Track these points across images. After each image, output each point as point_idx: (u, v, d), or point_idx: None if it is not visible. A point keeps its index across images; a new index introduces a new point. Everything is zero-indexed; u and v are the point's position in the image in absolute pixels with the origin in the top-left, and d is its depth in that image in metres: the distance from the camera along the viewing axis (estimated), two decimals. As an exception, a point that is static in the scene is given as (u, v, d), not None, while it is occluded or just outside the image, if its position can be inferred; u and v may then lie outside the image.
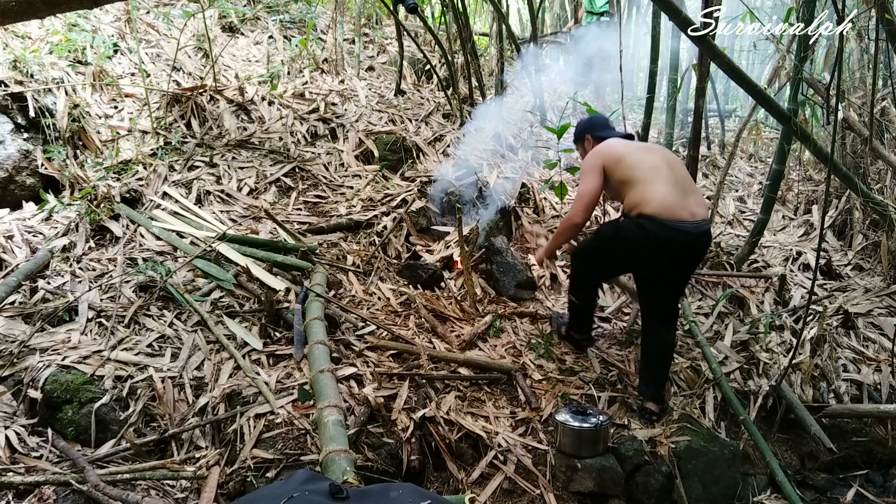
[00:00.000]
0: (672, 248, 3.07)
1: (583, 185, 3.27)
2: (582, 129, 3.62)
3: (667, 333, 3.33)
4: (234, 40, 6.00)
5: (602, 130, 3.53)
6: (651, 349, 3.35)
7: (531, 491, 2.90)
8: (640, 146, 3.37)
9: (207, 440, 2.92)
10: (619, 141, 3.38)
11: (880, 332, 4.24)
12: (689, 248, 3.11)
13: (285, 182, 4.67)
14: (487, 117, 5.64)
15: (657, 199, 3.04)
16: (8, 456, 2.73)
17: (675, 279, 3.25)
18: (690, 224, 3.04)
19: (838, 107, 3.59)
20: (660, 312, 3.32)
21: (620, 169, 3.17)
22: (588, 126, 3.61)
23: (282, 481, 1.73)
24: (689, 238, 3.06)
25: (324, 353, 3.05)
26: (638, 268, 3.34)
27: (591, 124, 3.62)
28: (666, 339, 3.33)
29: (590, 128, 3.59)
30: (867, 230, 5.15)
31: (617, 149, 3.27)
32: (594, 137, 3.52)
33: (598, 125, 3.59)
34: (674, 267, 3.18)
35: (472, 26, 6.25)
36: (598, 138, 3.49)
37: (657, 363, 3.34)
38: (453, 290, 4.13)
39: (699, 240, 3.12)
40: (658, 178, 3.09)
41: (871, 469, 3.67)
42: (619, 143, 3.35)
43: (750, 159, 7.26)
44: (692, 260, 3.21)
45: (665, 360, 3.35)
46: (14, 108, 4.20)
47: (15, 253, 3.67)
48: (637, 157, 3.19)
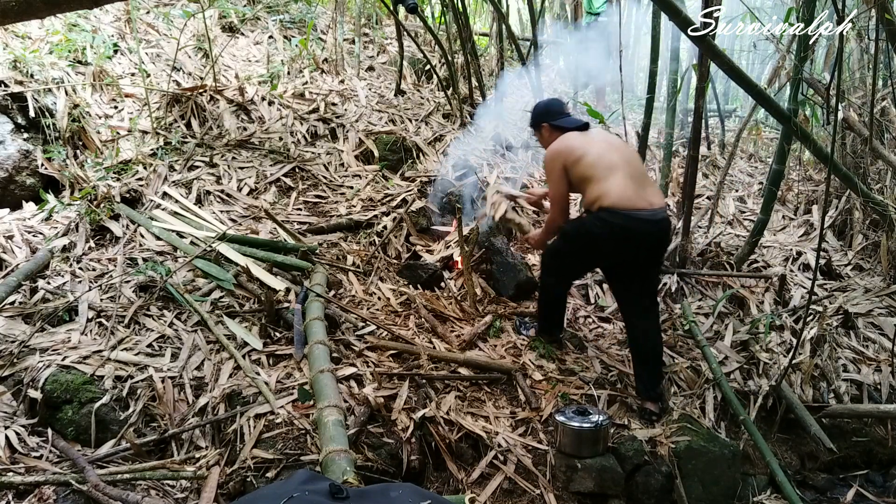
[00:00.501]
0: (635, 238, 3.16)
1: (552, 190, 3.38)
2: (538, 117, 3.59)
3: (650, 328, 3.36)
4: (234, 40, 6.00)
5: (558, 118, 3.52)
6: (638, 346, 3.39)
7: (531, 491, 2.90)
8: (597, 141, 3.37)
9: (207, 440, 2.92)
10: (576, 136, 3.37)
11: (880, 332, 4.24)
12: (650, 236, 3.20)
13: (285, 182, 4.67)
14: (487, 117, 5.64)
15: (615, 191, 3.13)
16: (8, 456, 2.73)
17: (643, 270, 3.33)
18: (648, 212, 3.14)
19: (838, 107, 3.59)
20: (637, 307, 3.38)
21: (580, 168, 3.24)
22: (544, 113, 3.58)
23: (282, 481, 1.73)
24: (648, 226, 3.15)
25: (324, 353, 3.05)
26: (605, 261, 3.45)
27: (546, 111, 3.58)
28: (650, 335, 3.35)
29: (546, 115, 3.56)
30: (867, 230, 5.15)
31: (575, 148, 3.29)
32: (551, 126, 3.51)
33: (554, 111, 3.56)
34: (638, 257, 3.27)
35: (472, 26, 6.24)
36: (555, 128, 3.49)
37: (647, 360, 3.36)
38: (453, 290, 4.13)
39: (658, 227, 3.20)
40: (615, 173, 3.18)
41: (871, 469, 3.67)
42: (576, 139, 3.35)
43: (750, 159, 7.26)
44: (656, 248, 3.30)
45: (654, 356, 3.36)
46: (14, 108, 4.20)
47: (15, 253, 3.67)
48: (595, 155, 3.24)
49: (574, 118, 3.56)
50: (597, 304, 4.27)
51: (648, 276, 3.36)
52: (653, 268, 3.37)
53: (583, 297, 4.36)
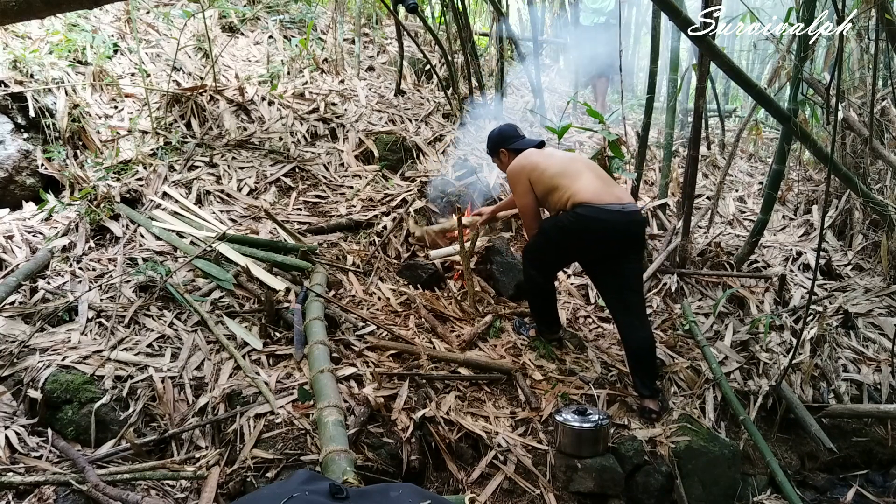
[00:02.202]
0: (606, 230, 3.25)
1: (521, 203, 3.53)
2: (495, 144, 3.76)
3: (639, 326, 3.37)
4: (234, 40, 6.00)
5: (513, 142, 3.70)
6: (631, 345, 3.40)
7: (531, 491, 2.90)
8: (557, 156, 3.54)
9: (207, 440, 2.92)
10: (535, 153, 3.53)
11: (880, 332, 4.24)
12: (621, 227, 3.26)
13: (285, 182, 4.67)
14: (487, 117, 5.64)
15: (585, 189, 3.26)
16: (8, 456, 2.73)
17: (618, 264, 3.37)
18: (619, 206, 3.24)
19: (838, 107, 3.59)
20: (619, 304, 3.43)
21: (545, 180, 3.38)
22: (500, 139, 3.74)
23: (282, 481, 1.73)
24: (619, 217, 3.24)
25: (324, 353, 3.05)
26: (581, 254, 3.56)
27: (501, 137, 3.74)
28: (641, 332, 3.36)
29: (502, 141, 3.73)
30: (867, 230, 5.15)
31: (538, 163, 3.45)
32: (509, 150, 3.68)
33: (509, 136, 3.73)
34: (610, 249, 3.33)
35: (472, 26, 6.24)
36: (512, 151, 3.65)
37: (640, 358, 3.36)
38: (453, 290, 4.13)
39: (629, 219, 3.27)
40: (582, 176, 3.33)
41: (871, 469, 3.67)
42: (537, 155, 3.51)
43: (750, 159, 7.26)
44: (629, 242, 3.35)
45: (648, 354, 3.36)
46: (14, 108, 4.20)
47: (15, 253, 3.67)
48: (558, 167, 3.40)
49: (529, 139, 3.72)
50: (597, 304, 4.27)
51: (625, 271, 3.38)
52: (629, 263, 3.39)
53: (583, 297, 4.37)
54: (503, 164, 3.74)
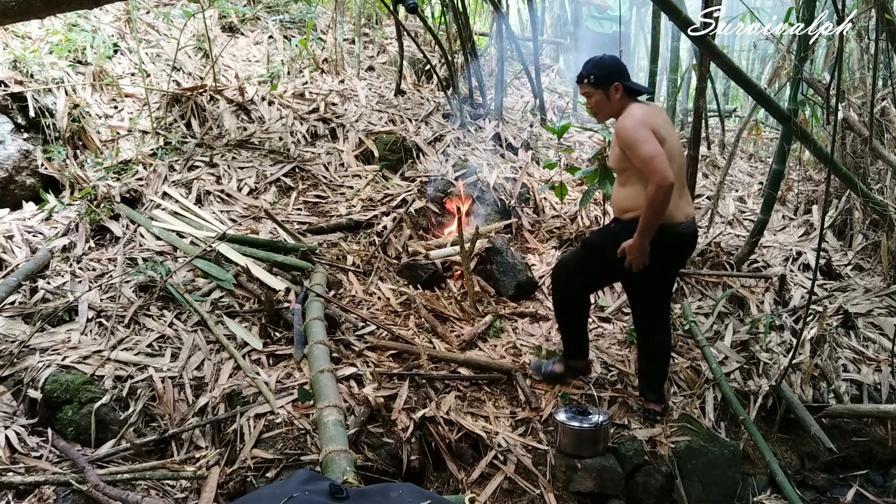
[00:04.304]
0: (669, 253, 3.00)
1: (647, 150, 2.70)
2: (611, 72, 2.91)
3: (662, 334, 3.26)
4: (234, 40, 6.00)
5: (631, 82, 2.94)
6: (648, 352, 3.29)
7: (531, 491, 2.90)
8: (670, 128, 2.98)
9: (207, 440, 2.92)
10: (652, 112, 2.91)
11: (880, 332, 4.24)
12: (682, 249, 3.11)
13: (285, 182, 4.67)
14: (487, 117, 5.64)
15: (683, 206, 2.96)
16: (8, 456, 2.73)
17: (665, 281, 3.21)
18: (685, 225, 2.98)
19: (838, 107, 3.59)
20: (651, 315, 3.26)
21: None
22: (619, 70, 2.93)
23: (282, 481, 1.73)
24: (682, 240, 3.03)
25: (324, 353, 3.05)
26: (628, 274, 3.03)
27: (621, 69, 2.94)
28: (661, 341, 3.25)
29: (620, 73, 2.92)
30: (867, 230, 5.14)
31: (660, 127, 2.82)
32: (626, 88, 2.92)
33: (625, 70, 2.96)
34: (666, 269, 3.12)
35: (472, 26, 6.24)
36: (630, 91, 2.94)
37: (657, 366, 3.30)
38: (453, 290, 4.13)
39: (691, 240, 3.10)
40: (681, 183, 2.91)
41: (871, 469, 3.67)
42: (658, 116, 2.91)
43: (750, 159, 7.25)
44: (683, 260, 3.21)
45: (664, 362, 3.32)
46: (14, 108, 4.20)
47: (15, 253, 3.67)
48: (672, 149, 2.83)
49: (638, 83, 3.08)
50: (597, 304, 4.27)
51: (667, 285, 3.24)
52: (673, 278, 3.28)
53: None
54: (603, 102, 2.95)
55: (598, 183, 4.24)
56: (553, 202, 5.09)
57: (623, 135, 2.80)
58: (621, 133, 2.81)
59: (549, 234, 4.77)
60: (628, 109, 2.89)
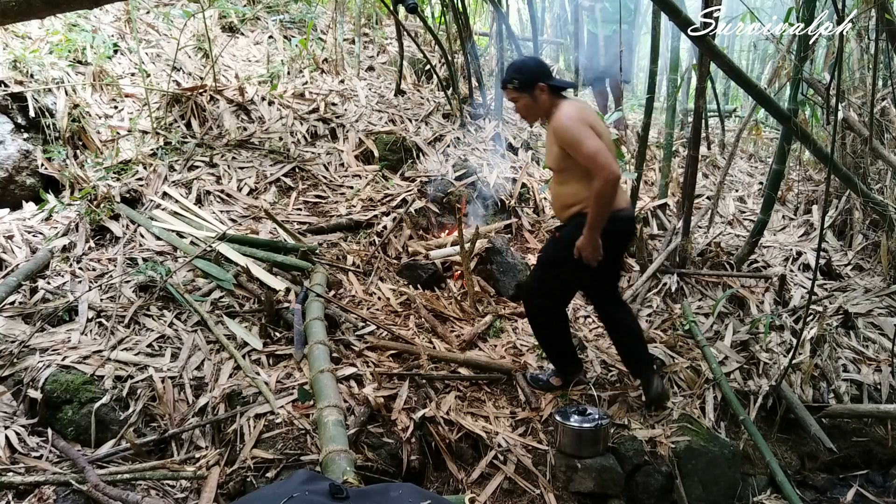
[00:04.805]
0: (619, 240, 3.08)
1: (589, 147, 2.74)
2: (533, 74, 2.90)
3: (624, 311, 3.34)
4: (234, 40, 6.00)
5: (554, 80, 2.93)
6: (622, 333, 3.32)
7: (531, 491, 2.90)
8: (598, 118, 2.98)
9: (207, 440, 2.92)
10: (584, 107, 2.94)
11: (880, 332, 4.24)
12: (629, 233, 3.22)
13: (285, 182, 4.67)
14: (487, 117, 5.63)
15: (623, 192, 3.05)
16: (8, 456, 2.73)
17: (616, 267, 3.33)
18: (627, 211, 3.05)
19: (838, 107, 3.59)
20: (610, 299, 3.34)
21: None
22: (539, 71, 2.92)
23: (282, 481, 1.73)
24: (629, 225, 3.14)
25: (324, 353, 3.05)
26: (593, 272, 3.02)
27: (543, 69, 2.94)
28: (627, 318, 3.31)
29: (543, 74, 2.91)
30: (867, 230, 5.14)
31: (595, 123, 2.84)
32: (550, 87, 2.91)
33: (548, 70, 2.96)
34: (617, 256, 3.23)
35: (472, 26, 6.24)
36: (554, 89, 2.92)
37: (630, 344, 3.30)
38: (453, 290, 4.13)
39: (633, 223, 3.22)
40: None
41: (871, 469, 3.67)
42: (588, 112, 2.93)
43: (750, 159, 7.25)
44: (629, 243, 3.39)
45: (636, 337, 3.30)
46: (14, 108, 4.20)
47: (15, 253, 3.67)
48: (606, 141, 2.84)
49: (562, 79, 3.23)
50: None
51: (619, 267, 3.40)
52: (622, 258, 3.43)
53: (583, 296, 4.36)
54: (528, 104, 2.94)
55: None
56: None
57: (564, 134, 2.83)
58: (562, 132, 2.83)
59: (549, 234, 4.77)
60: (560, 108, 2.90)
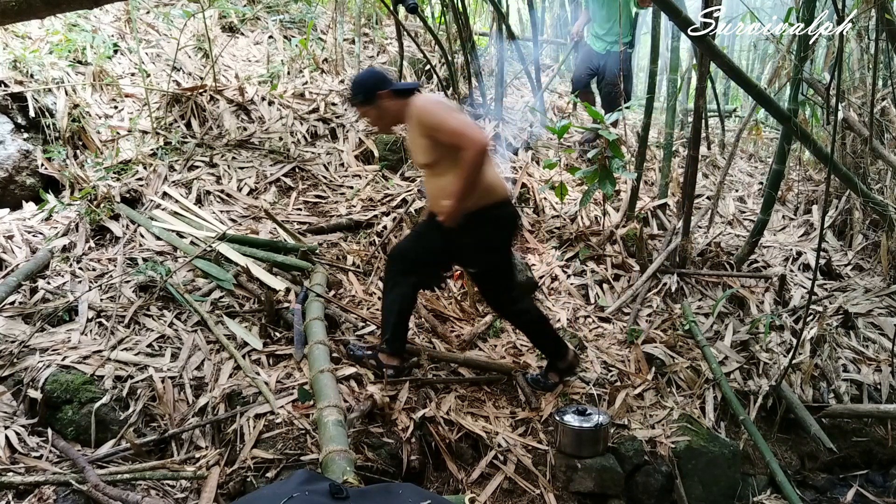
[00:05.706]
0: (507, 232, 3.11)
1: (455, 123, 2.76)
2: (372, 85, 2.87)
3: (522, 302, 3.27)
4: (234, 40, 6.00)
5: (395, 84, 2.93)
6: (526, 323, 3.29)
7: (531, 491, 2.91)
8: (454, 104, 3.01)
9: (207, 440, 2.92)
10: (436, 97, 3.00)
11: (880, 332, 4.24)
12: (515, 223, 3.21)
13: (285, 182, 4.67)
14: (487, 117, 5.63)
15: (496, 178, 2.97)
16: (8, 456, 2.73)
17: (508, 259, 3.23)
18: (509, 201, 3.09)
19: (838, 107, 3.60)
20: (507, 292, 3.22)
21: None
22: (380, 79, 2.90)
23: (281, 481, 1.73)
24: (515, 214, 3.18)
25: (324, 353, 3.05)
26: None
27: (376, 79, 2.90)
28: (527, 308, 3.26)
29: (381, 82, 2.88)
30: (867, 230, 5.15)
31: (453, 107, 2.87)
32: (394, 92, 2.87)
33: (385, 77, 2.94)
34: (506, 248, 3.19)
35: (472, 26, 6.24)
36: (398, 93, 2.88)
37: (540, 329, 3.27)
38: (453, 290, 4.13)
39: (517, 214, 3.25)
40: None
41: (871, 469, 3.67)
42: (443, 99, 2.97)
43: (750, 159, 7.25)
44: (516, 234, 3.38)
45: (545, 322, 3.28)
46: (14, 108, 4.20)
47: (15, 253, 3.67)
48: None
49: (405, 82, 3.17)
50: (597, 304, 4.27)
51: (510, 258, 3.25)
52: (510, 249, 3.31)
53: (583, 297, 4.36)
54: (378, 115, 2.93)
55: (598, 183, 4.24)
56: (553, 202, 5.09)
57: (426, 118, 2.78)
58: (424, 117, 2.78)
59: (549, 234, 4.77)
60: (414, 102, 2.84)
